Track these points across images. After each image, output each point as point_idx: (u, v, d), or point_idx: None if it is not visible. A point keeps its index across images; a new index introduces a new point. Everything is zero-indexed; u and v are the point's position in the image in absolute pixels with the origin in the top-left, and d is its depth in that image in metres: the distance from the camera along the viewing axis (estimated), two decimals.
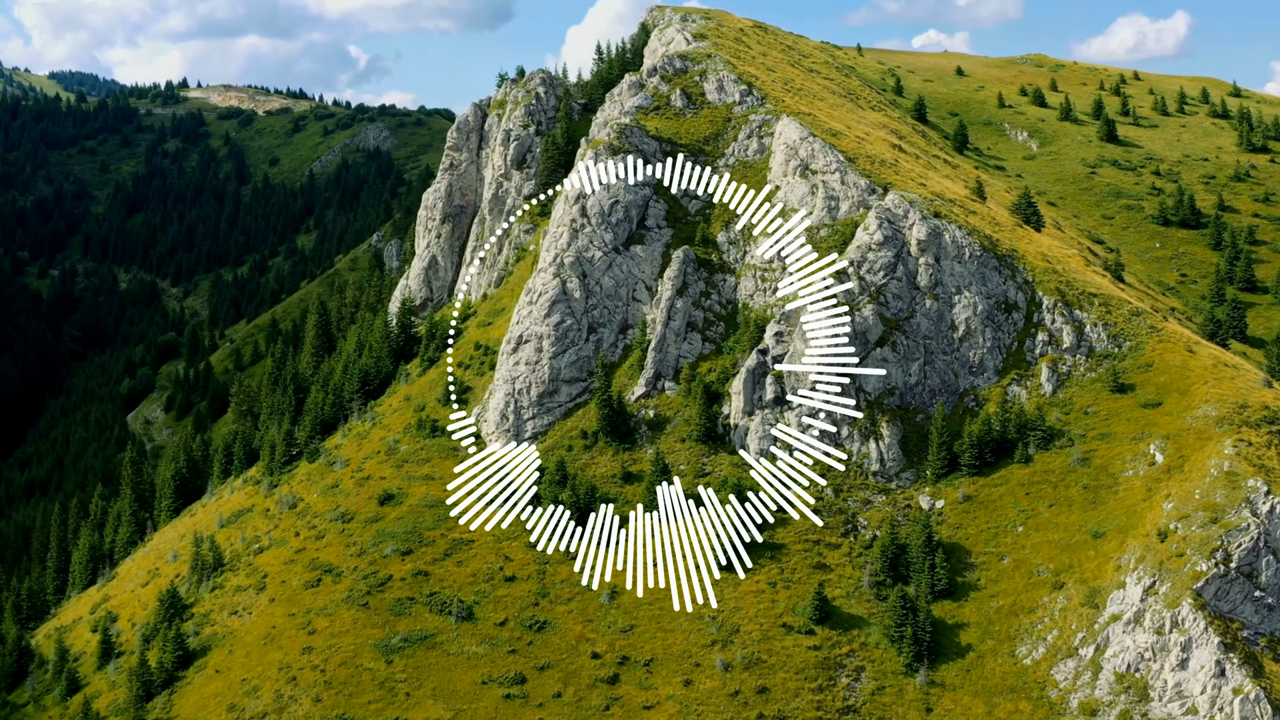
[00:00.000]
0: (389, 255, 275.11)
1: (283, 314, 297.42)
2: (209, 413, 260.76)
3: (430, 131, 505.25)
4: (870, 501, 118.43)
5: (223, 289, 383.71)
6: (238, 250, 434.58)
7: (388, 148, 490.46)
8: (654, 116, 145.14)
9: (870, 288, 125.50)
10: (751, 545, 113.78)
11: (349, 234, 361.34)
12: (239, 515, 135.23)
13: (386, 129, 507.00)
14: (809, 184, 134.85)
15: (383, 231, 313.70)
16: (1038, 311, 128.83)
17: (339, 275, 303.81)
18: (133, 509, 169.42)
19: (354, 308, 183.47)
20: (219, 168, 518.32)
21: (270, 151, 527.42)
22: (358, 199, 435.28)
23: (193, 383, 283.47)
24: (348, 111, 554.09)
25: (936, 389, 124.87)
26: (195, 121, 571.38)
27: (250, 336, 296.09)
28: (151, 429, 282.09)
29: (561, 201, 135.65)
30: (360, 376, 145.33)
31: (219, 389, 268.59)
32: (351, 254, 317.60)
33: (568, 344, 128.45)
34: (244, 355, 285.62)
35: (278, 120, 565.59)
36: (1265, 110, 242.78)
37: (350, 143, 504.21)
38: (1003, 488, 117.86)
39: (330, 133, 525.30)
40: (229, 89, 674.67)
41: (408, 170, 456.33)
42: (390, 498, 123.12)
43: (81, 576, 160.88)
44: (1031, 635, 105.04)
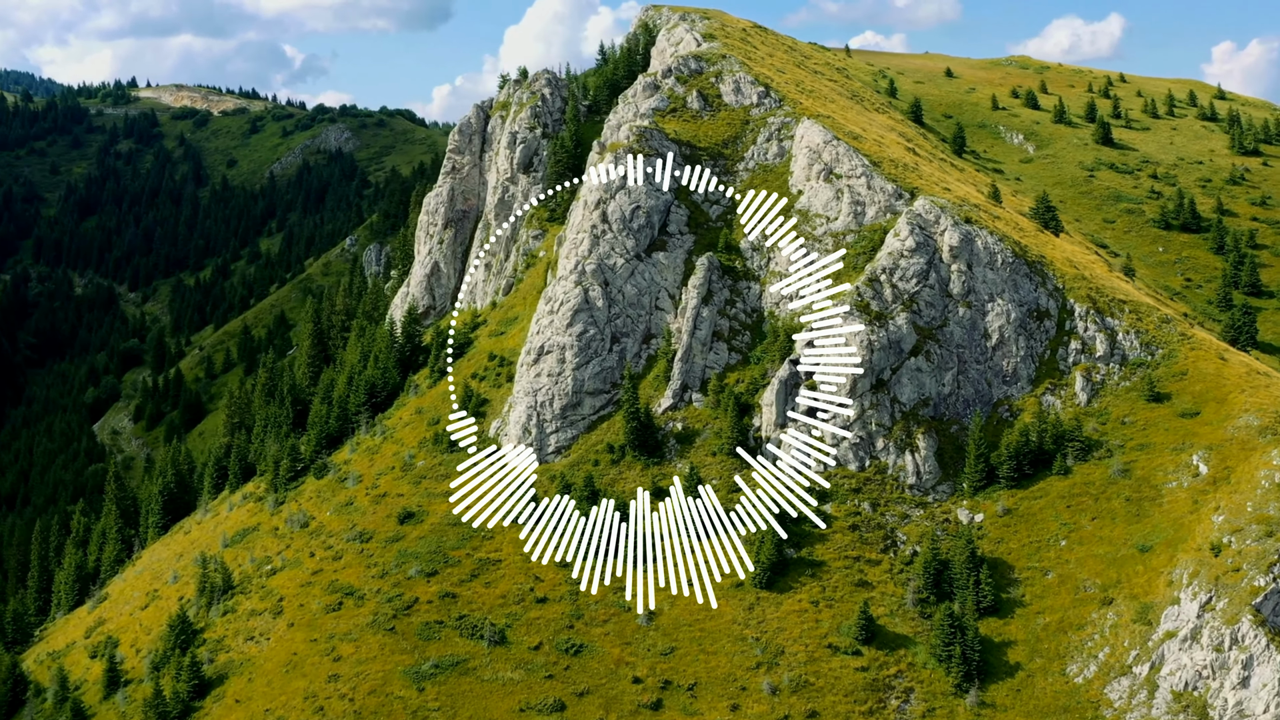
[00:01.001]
0: (369, 260, 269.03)
1: (254, 320, 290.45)
2: (182, 422, 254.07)
3: (393, 133, 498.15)
4: (908, 516, 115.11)
5: (185, 294, 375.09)
6: (197, 254, 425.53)
7: (350, 149, 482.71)
8: (671, 119, 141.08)
9: (903, 296, 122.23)
10: (791, 562, 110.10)
11: (317, 237, 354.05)
12: (245, 534, 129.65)
13: (348, 130, 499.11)
14: (834, 189, 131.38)
15: (356, 235, 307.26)
16: (1069, 319, 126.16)
17: (311, 280, 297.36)
18: (118, 526, 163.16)
19: (345, 315, 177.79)
20: (174, 169, 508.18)
21: (228, 153, 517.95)
22: (322, 201, 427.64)
23: (162, 391, 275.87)
24: (306, 112, 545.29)
25: (970, 399, 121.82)
26: (148, 122, 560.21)
27: (221, 343, 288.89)
28: (120, 439, 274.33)
29: (580, 207, 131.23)
30: (366, 388, 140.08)
31: (191, 398, 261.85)
32: (324, 258, 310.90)
33: (591, 354, 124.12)
34: (215, 363, 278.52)
35: (234, 121, 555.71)
36: (1251, 113, 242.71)
37: (311, 144, 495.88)
38: (1042, 500, 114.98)
39: (290, 134, 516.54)
40: (180, 89, 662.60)
41: (372, 172, 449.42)
42: (410, 516, 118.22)
43: (68, 597, 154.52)
44: (1082, 653, 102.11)
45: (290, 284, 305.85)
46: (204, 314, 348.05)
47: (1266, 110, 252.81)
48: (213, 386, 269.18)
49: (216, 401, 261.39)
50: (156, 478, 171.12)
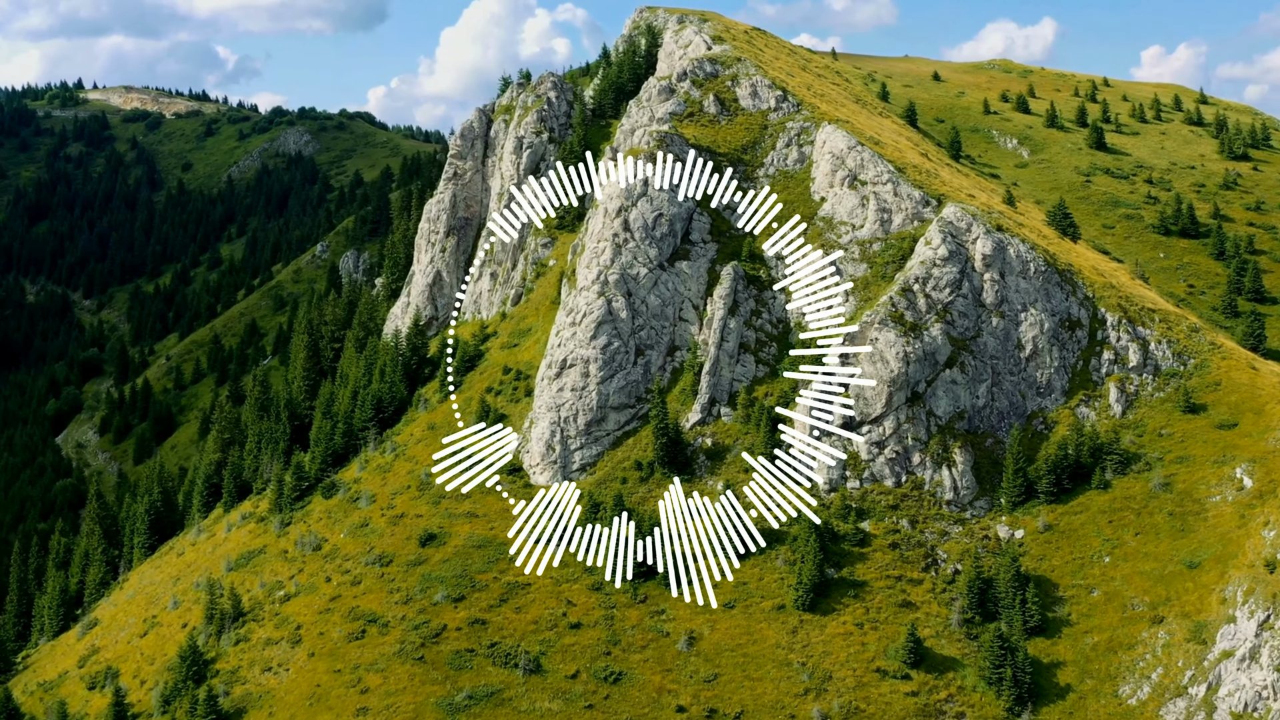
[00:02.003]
0: (346, 267, 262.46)
1: (223, 329, 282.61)
2: (153, 435, 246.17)
3: (353, 136, 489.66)
4: (947, 533, 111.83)
5: (144, 302, 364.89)
6: (155, 260, 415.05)
7: (309, 152, 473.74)
8: (689, 123, 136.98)
9: (937, 306, 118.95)
10: (832, 583, 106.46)
11: (284, 243, 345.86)
12: (250, 557, 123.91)
13: (307, 133, 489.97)
14: (859, 195, 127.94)
15: (328, 241, 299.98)
16: (1101, 329, 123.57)
17: (282, 288, 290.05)
18: (101, 546, 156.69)
19: (335, 326, 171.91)
20: (128, 173, 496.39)
21: (182, 156, 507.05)
22: (285, 206, 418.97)
23: (129, 403, 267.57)
24: (264, 115, 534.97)
25: (1005, 412, 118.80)
26: (99, 124, 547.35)
27: (189, 353, 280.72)
28: (85, 453, 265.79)
29: (600, 214, 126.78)
30: (373, 403, 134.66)
31: (161, 410, 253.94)
32: (294, 265, 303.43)
33: (615, 368, 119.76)
34: (184, 373, 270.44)
35: (188, 123, 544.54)
36: (1235, 117, 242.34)
37: (269, 147, 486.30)
38: (1083, 515, 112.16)
39: (246, 136, 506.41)
40: (130, 90, 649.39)
41: (334, 176, 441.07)
42: (432, 538, 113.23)
43: (51, 623, 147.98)
44: (1134, 673, 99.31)
45: (259, 291, 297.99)
46: (166, 322, 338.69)
47: (1249, 115, 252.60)
48: (183, 398, 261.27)
49: (188, 413, 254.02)
50: (141, 495, 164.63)
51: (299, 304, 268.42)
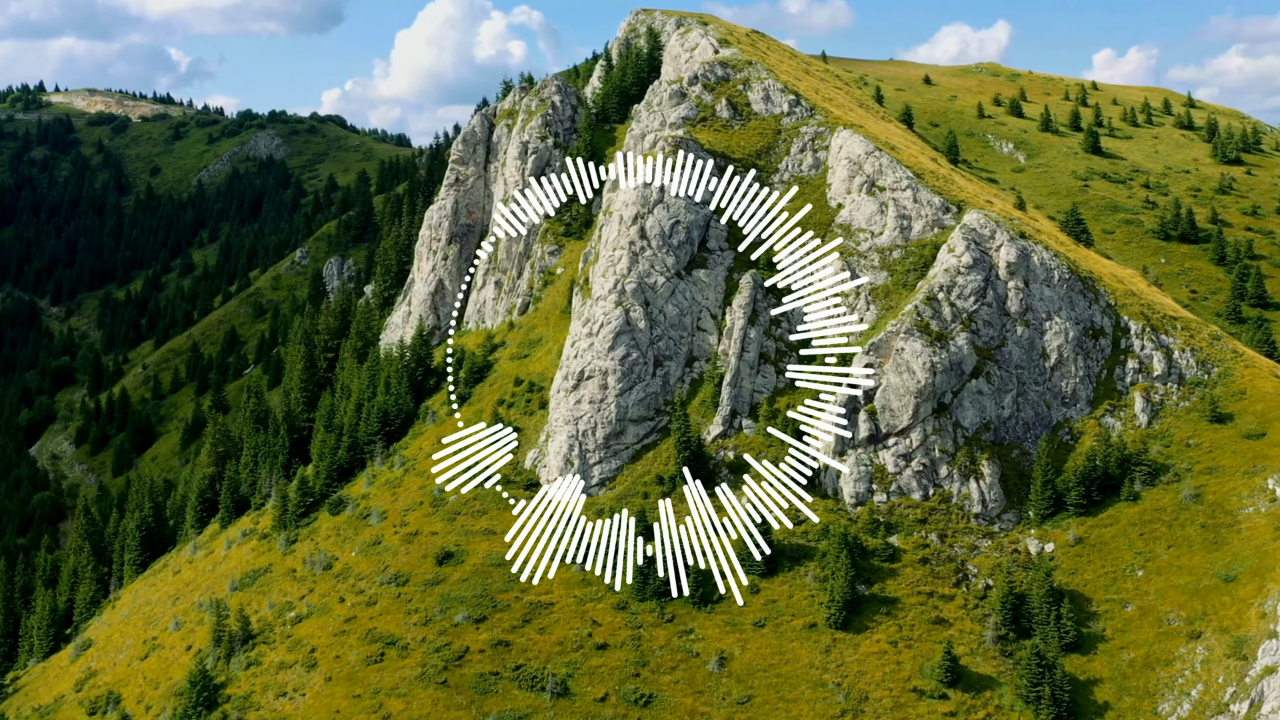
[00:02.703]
0: (330, 274, 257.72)
1: (201, 337, 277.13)
2: (132, 446, 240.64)
3: (325, 140, 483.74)
4: (976, 547, 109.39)
5: (115, 309, 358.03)
6: (125, 266, 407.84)
7: (281, 156, 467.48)
8: (702, 128, 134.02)
9: (962, 315, 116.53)
10: (864, 600, 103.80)
11: (260, 249, 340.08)
12: (256, 576, 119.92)
13: (278, 137, 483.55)
14: (877, 202, 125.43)
15: (307, 247, 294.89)
16: (1125, 337, 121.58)
17: (261, 294, 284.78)
18: (91, 563, 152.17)
19: (329, 335, 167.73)
20: (94, 177, 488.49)
21: (150, 160, 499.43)
22: (258, 211, 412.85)
23: (106, 413, 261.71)
24: (233, 119, 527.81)
25: (1030, 422, 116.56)
26: (63, 128, 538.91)
27: (166, 361, 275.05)
28: (61, 464, 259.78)
29: (615, 221, 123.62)
30: (379, 416, 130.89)
31: (140, 420, 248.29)
32: (272, 271, 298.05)
33: (634, 379, 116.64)
34: (162, 382, 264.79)
35: (155, 127, 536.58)
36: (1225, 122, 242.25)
37: (239, 151, 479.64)
38: (1113, 528, 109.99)
39: (216, 140, 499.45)
40: (94, 93, 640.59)
41: (307, 180, 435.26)
42: (449, 556, 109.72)
43: (42, 643, 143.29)
44: (1173, 690, 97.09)
45: (238, 298, 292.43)
46: (139, 329, 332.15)
47: (1236, 119, 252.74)
48: (161, 407, 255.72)
49: (167, 423, 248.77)
50: (132, 510, 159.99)
51: (280, 311, 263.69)
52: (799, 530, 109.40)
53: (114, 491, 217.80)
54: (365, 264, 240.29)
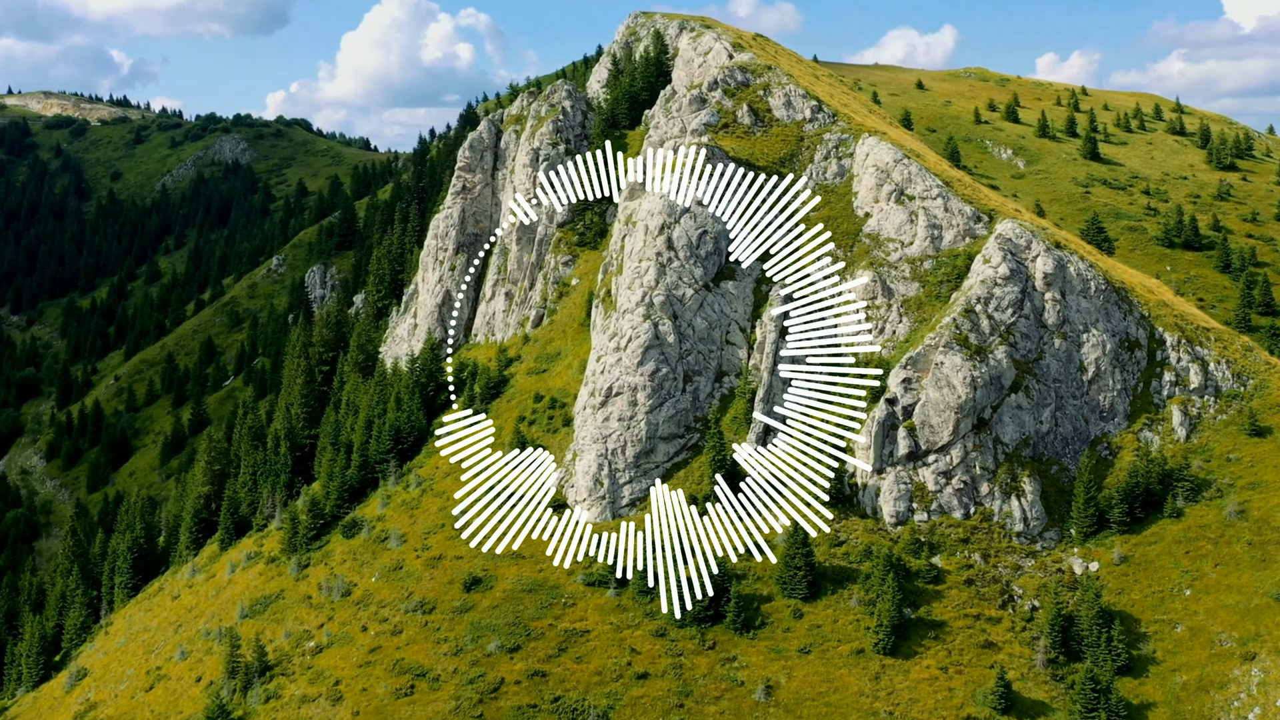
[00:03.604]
0: (312, 282, 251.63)
1: (176, 346, 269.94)
2: (107, 461, 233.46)
3: (291, 144, 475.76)
4: (1020, 567, 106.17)
5: (80, 317, 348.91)
6: (88, 273, 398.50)
7: (247, 160, 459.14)
8: (724, 135, 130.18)
9: (1000, 327, 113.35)
10: (911, 624, 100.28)
11: (232, 256, 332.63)
12: (267, 603, 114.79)
13: (244, 141, 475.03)
14: (907, 211, 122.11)
15: (284, 254, 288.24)
16: (1160, 349, 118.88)
17: (237, 303, 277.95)
18: (81, 587, 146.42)
19: (324, 348, 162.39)
20: (53, 182, 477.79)
21: (111, 164, 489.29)
22: (225, 216, 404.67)
23: (78, 426, 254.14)
24: (196, 122, 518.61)
25: (1069, 437, 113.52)
26: (19, 131, 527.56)
27: (139, 372, 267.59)
28: (31, 479, 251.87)
29: (640, 231, 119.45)
30: (391, 433, 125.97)
31: (114, 434, 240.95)
32: (248, 279, 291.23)
33: (664, 396, 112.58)
34: (137, 394, 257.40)
35: (115, 130, 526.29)
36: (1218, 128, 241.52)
37: (203, 155, 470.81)
38: (1157, 546, 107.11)
39: (179, 144, 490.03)
40: (49, 95, 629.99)
41: (274, 185, 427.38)
42: (477, 582, 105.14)
43: (31, 672, 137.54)
44: (1229, 714, 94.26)
45: (212, 307, 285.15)
46: (106, 339, 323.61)
47: (1224, 124, 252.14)
48: (136, 420, 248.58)
49: (143, 437, 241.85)
50: (122, 530, 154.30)
51: (258, 320, 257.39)
52: (839, 552, 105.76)
53: (92, 508, 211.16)
54: (354, 272, 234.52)
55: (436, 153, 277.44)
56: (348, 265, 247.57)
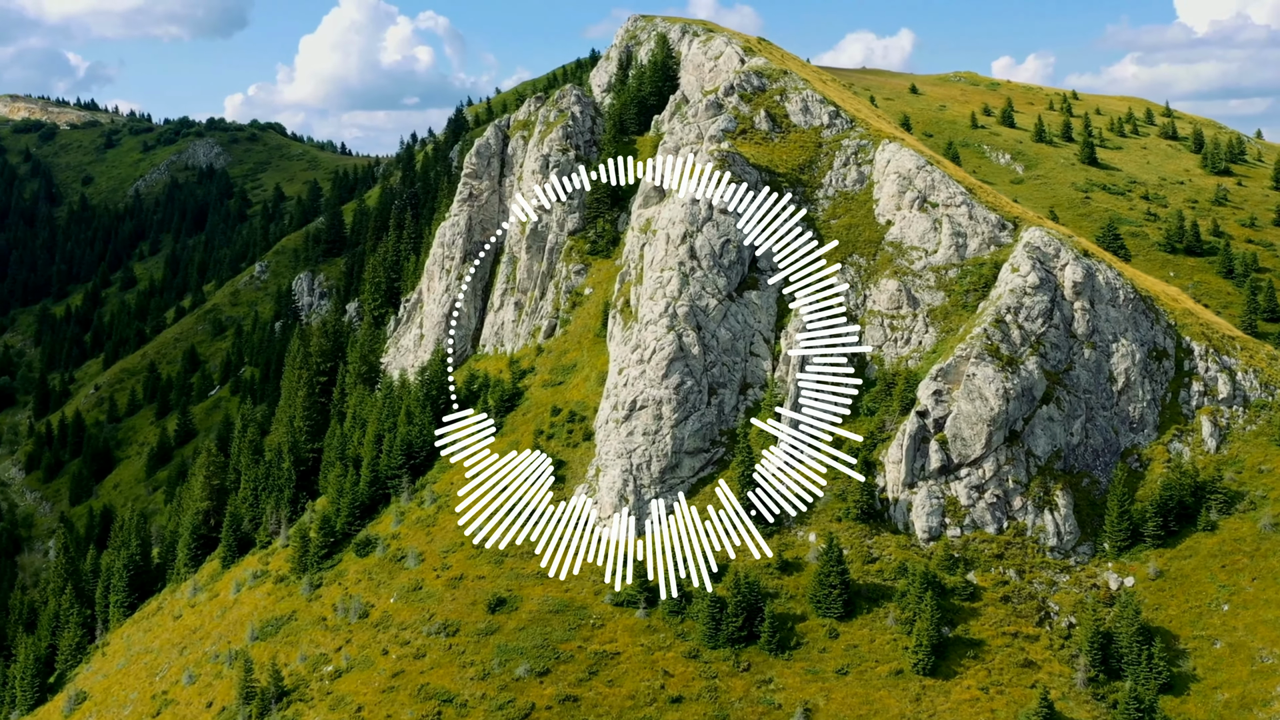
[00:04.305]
0: (299, 290, 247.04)
1: (158, 355, 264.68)
2: (90, 473, 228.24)
3: (266, 148, 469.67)
4: (1055, 583, 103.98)
5: (54, 325, 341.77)
6: (60, 280, 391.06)
7: (221, 165, 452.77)
8: (743, 141, 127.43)
9: (1030, 338, 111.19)
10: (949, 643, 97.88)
11: (212, 262, 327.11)
12: (279, 625, 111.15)
13: (218, 145, 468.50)
14: (930, 219, 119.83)
15: (267, 261, 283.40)
16: (1188, 359, 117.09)
17: (220, 310, 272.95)
18: (76, 606, 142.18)
19: (322, 358, 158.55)
20: (22, 187, 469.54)
21: (82, 169, 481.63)
22: (201, 222, 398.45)
23: (58, 437, 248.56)
24: (169, 125, 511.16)
25: (1099, 449, 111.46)
26: None
27: (120, 381, 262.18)
28: (10, 492, 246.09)
29: (662, 240, 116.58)
30: (403, 448, 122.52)
31: (97, 445, 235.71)
32: (230, 286, 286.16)
33: (689, 409, 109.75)
34: (118, 404, 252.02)
35: (85, 134, 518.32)
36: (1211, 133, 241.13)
37: (177, 159, 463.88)
38: (1193, 560, 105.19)
39: (151, 148, 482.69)
40: (15, 99, 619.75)
41: (251, 190, 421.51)
42: (502, 603, 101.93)
43: (26, 695, 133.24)
44: None
45: (194, 315, 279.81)
46: (82, 347, 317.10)
47: (1214, 129, 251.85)
48: (119, 431, 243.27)
49: (126, 448, 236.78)
50: (117, 547, 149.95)
51: (242, 328, 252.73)
52: (873, 569, 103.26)
53: (76, 521, 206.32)
54: (345, 280, 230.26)
55: (424, 157, 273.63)
56: (336, 272, 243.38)
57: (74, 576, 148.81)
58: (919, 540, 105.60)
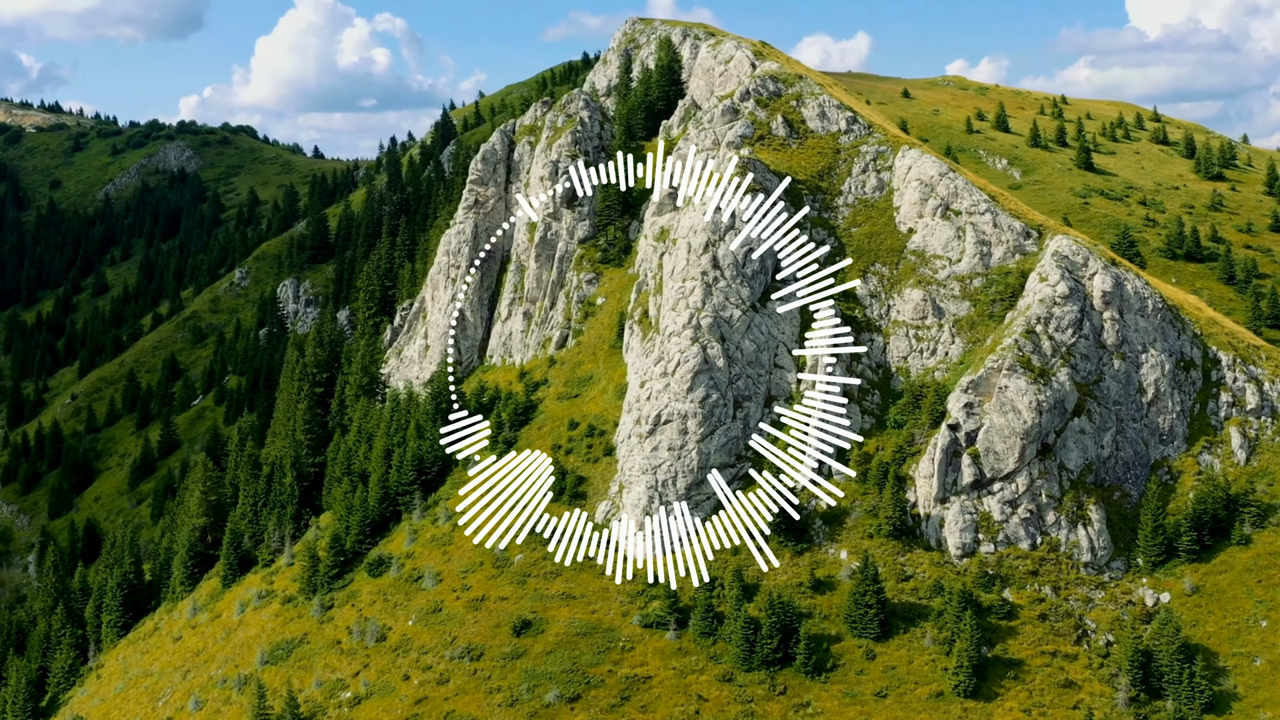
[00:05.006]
0: (284, 296, 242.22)
1: (136, 363, 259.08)
2: (70, 485, 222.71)
3: (239, 151, 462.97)
4: (1091, 600, 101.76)
5: (25, 332, 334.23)
6: (30, 285, 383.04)
7: (193, 169, 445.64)
8: (760, 147, 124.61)
9: (1061, 349, 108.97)
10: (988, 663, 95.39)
11: (188, 268, 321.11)
12: (290, 648, 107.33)
13: (189, 148, 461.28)
14: (954, 226, 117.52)
15: (247, 267, 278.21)
16: (1216, 369, 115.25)
17: (199, 318, 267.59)
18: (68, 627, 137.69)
19: (318, 369, 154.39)
20: None
21: (49, 173, 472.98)
22: (174, 226, 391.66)
23: (35, 447, 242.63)
24: (139, 129, 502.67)
25: (1130, 461, 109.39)
26: None
27: (98, 391, 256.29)
28: None
29: (683, 249, 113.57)
30: (414, 463, 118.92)
31: (77, 456, 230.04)
32: (209, 292, 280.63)
33: (715, 423, 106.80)
34: (97, 414, 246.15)
35: (52, 138, 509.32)
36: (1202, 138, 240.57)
37: (147, 163, 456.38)
38: (1228, 575, 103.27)
39: (120, 152, 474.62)
40: None
41: (224, 195, 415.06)
42: (527, 625, 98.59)
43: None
44: None
45: (172, 322, 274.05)
46: (55, 354, 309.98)
47: (1203, 134, 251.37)
48: (99, 442, 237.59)
49: (106, 459, 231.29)
50: (110, 565, 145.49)
51: (224, 336, 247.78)
52: (907, 587, 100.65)
53: (58, 535, 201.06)
54: (334, 287, 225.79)
55: (410, 162, 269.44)
56: (322, 279, 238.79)
57: (64, 595, 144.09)
58: (952, 557, 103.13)
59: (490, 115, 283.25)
